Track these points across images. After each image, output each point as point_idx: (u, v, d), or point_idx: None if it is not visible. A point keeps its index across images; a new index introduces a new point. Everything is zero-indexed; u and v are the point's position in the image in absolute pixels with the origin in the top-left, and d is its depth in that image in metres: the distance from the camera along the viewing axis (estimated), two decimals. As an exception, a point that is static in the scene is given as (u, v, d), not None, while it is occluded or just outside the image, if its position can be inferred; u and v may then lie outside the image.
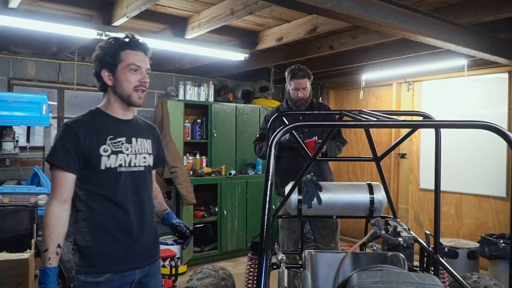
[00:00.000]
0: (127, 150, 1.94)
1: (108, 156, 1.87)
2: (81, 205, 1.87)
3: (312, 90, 3.50)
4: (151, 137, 2.11)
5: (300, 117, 3.23)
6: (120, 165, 1.91)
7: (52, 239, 1.77)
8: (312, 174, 3.36)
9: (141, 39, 1.98)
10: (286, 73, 3.46)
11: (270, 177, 1.47)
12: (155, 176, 2.24)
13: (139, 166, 1.99)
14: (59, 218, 1.80)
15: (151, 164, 2.08)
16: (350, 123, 1.57)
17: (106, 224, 1.87)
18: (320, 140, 3.20)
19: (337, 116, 2.81)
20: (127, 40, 1.92)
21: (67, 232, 1.84)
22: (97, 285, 1.83)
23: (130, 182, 1.94)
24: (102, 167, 1.86)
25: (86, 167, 1.85)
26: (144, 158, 2.01)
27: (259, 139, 3.64)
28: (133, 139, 1.98)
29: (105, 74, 1.91)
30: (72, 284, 1.90)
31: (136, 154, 1.97)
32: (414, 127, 2.05)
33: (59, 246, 1.78)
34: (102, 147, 1.87)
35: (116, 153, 1.90)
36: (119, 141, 1.92)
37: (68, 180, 1.83)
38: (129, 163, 1.94)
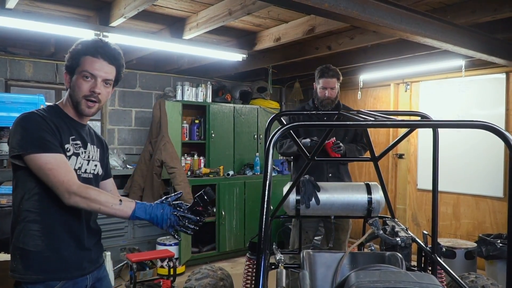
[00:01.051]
0: (82, 154, 1.83)
1: (70, 156, 1.76)
2: (31, 204, 1.70)
3: (340, 92, 3.50)
4: (100, 147, 1.99)
5: (325, 118, 3.22)
6: (79, 169, 1.80)
7: (111, 196, 1.68)
8: (330, 175, 3.39)
9: (114, 46, 1.85)
10: (316, 72, 3.49)
11: (268, 177, 1.47)
12: (114, 187, 2.11)
13: (89, 173, 1.87)
14: (93, 187, 1.69)
15: (100, 173, 1.94)
16: (348, 123, 1.57)
17: (60, 228, 1.73)
18: (338, 141, 3.22)
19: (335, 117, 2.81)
20: (90, 45, 1.80)
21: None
22: None
23: None
24: None
25: None
26: (95, 166, 1.91)
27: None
28: (88, 145, 1.88)
29: (66, 76, 1.82)
30: None
31: (88, 161, 1.87)
32: (411, 126, 2.05)
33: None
34: (66, 145, 1.75)
35: (76, 155, 1.79)
36: (77, 143, 1.82)
37: (67, 161, 1.69)
38: (81, 168, 1.82)
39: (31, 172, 1.66)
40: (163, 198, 1.80)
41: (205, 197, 1.80)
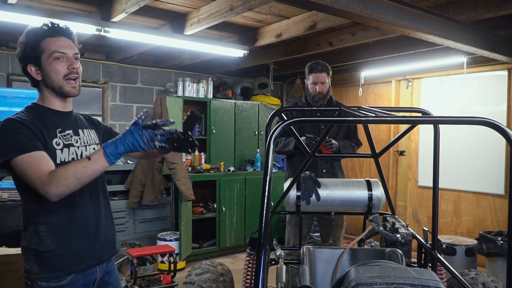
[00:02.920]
0: (76, 142, 1.81)
1: (61, 149, 1.74)
2: (36, 206, 1.71)
3: (331, 87, 3.49)
4: (93, 127, 1.98)
5: (318, 114, 3.22)
6: (73, 159, 1.77)
7: (78, 162, 1.61)
8: (324, 171, 3.40)
9: (62, 23, 1.80)
10: (306, 68, 3.48)
11: (269, 172, 1.47)
12: None
13: None
14: (59, 167, 1.63)
15: None
16: (349, 118, 1.57)
17: (66, 225, 1.74)
18: (331, 139, 3.22)
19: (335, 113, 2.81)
20: (44, 28, 1.75)
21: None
22: None
23: None
24: (58, 161, 1.71)
25: None
26: (94, 149, 1.88)
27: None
28: (80, 131, 1.86)
29: (32, 70, 1.76)
30: None
31: (86, 146, 1.85)
32: (412, 123, 2.05)
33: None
34: (54, 140, 1.73)
35: (67, 146, 1.77)
36: (67, 134, 1.79)
37: (43, 156, 1.64)
38: (81, 155, 1.81)
39: None
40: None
41: (191, 118, 1.74)
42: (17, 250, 2.94)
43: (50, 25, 1.76)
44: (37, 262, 1.71)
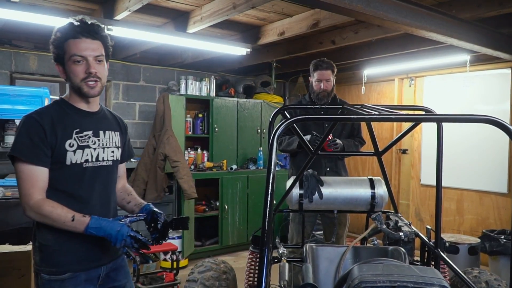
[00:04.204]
0: (94, 144, 1.82)
1: (74, 151, 1.75)
2: None
3: (335, 85, 3.49)
4: (119, 130, 1.98)
5: (322, 112, 3.21)
6: (86, 161, 1.79)
7: (65, 213, 1.66)
8: (328, 169, 3.40)
9: (90, 21, 1.79)
10: (311, 66, 3.48)
11: (272, 170, 1.47)
12: (124, 173, 2.13)
13: (107, 160, 1.88)
14: (51, 202, 1.68)
15: (119, 158, 1.97)
16: (352, 116, 1.57)
17: None
18: (336, 139, 3.22)
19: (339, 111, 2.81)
20: (70, 28, 1.74)
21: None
22: (62, 282, 1.74)
23: (96, 178, 1.83)
24: (68, 163, 1.74)
25: (52, 162, 1.73)
26: (112, 152, 1.90)
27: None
28: (101, 132, 1.86)
29: (59, 68, 1.80)
30: (36, 283, 1.79)
31: (104, 148, 1.86)
32: (415, 120, 2.05)
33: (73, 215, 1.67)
34: (68, 141, 1.74)
35: (82, 147, 1.78)
36: (85, 135, 1.80)
37: (43, 173, 1.70)
38: (97, 157, 1.83)
39: None
40: (122, 216, 1.80)
41: (181, 225, 1.98)
42: (20, 248, 2.95)
43: (75, 24, 1.75)
44: (39, 254, 1.76)
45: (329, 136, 3.16)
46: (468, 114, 1.64)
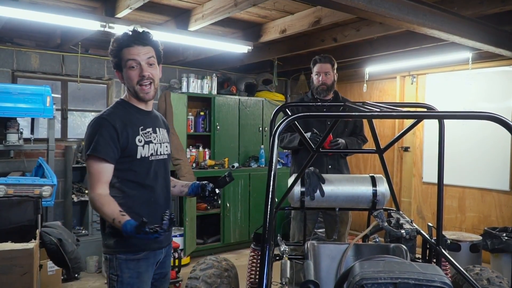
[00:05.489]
0: (155, 139, 2.08)
1: (143, 146, 2.01)
2: (115, 191, 1.97)
3: (336, 80, 3.49)
4: (165, 127, 2.25)
5: (324, 109, 3.21)
6: (152, 154, 2.04)
7: (113, 210, 1.86)
8: (330, 167, 3.40)
9: (141, 29, 2.03)
10: (311, 62, 3.51)
11: (273, 168, 1.47)
12: None
13: (164, 154, 2.13)
14: (109, 197, 1.91)
15: (170, 152, 2.23)
16: (354, 113, 1.57)
17: (140, 208, 1.98)
18: (337, 139, 3.22)
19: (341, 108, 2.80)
20: (124, 38, 1.99)
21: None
22: (137, 261, 1.99)
23: (158, 169, 2.07)
24: (138, 157, 1.99)
25: (122, 156, 1.96)
26: (166, 146, 2.17)
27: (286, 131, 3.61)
28: (157, 129, 2.12)
29: (118, 75, 2.06)
30: (108, 265, 2.01)
31: (161, 143, 2.11)
32: (417, 117, 2.05)
33: (120, 211, 1.85)
34: (137, 137, 1.99)
35: (148, 143, 2.03)
36: (148, 131, 2.05)
37: (109, 169, 1.94)
38: (157, 151, 2.07)
39: None
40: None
41: (226, 181, 2.27)
42: (22, 246, 2.96)
43: (129, 33, 1.98)
44: (113, 239, 1.97)
45: (330, 136, 3.16)
46: (470, 111, 1.64)
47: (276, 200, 2.92)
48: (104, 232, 2.03)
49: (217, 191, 2.23)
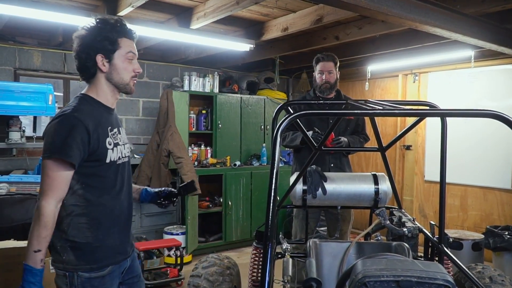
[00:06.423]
0: (120, 141, 1.90)
1: (112, 149, 1.82)
2: (76, 199, 1.75)
3: (338, 78, 3.49)
4: (122, 128, 2.04)
5: (327, 108, 3.21)
6: (119, 158, 1.87)
7: (47, 240, 1.68)
8: (332, 165, 3.40)
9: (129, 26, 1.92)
10: (313, 61, 3.50)
11: (275, 166, 1.47)
12: None
13: (126, 156, 1.96)
14: (55, 218, 1.69)
15: (130, 154, 2.07)
16: (356, 111, 1.57)
17: (105, 218, 1.81)
18: (339, 137, 3.22)
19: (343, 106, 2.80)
20: (121, 26, 1.84)
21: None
22: (102, 279, 1.78)
23: (123, 173, 1.91)
24: (107, 161, 1.79)
25: (88, 159, 1.74)
26: (128, 148, 2.00)
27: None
28: (120, 129, 1.95)
29: (99, 59, 1.78)
30: (68, 283, 1.76)
31: (124, 145, 1.94)
32: (420, 115, 2.04)
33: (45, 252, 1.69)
34: (107, 139, 1.80)
35: (116, 145, 1.85)
36: (115, 132, 1.88)
37: (69, 177, 1.72)
38: (121, 154, 1.90)
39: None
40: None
41: (188, 190, 2.25)
42: (25, 243, 2.96)
43: (124, 24, 1.86)
44: (73, 253, 1.75)
45: (332, 134, 3.16)
46: (473, 109, 1.63)
47: (278, 198, 2.93)
48: (58, 246, 1.76)
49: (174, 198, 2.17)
